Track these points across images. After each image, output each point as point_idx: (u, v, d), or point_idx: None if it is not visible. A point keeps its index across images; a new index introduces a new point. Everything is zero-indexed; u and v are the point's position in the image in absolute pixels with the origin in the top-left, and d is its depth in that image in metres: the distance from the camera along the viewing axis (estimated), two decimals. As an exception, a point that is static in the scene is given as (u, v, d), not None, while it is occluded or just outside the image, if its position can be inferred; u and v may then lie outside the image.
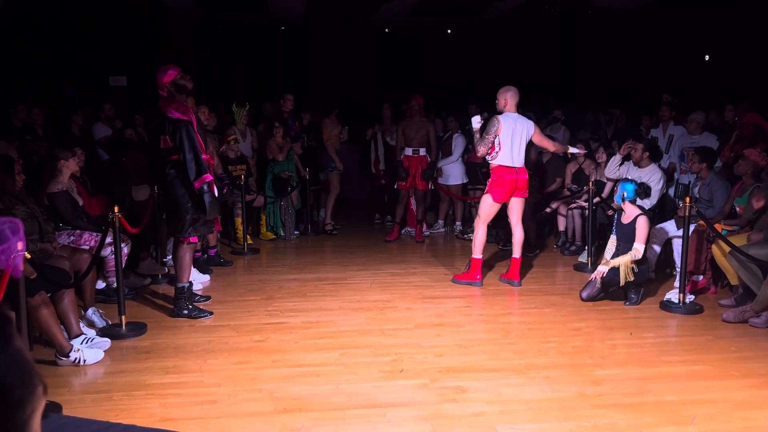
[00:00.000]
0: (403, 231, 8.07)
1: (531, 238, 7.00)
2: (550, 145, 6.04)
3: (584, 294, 5.24)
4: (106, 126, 7.80)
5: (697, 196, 5.80)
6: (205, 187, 4.54)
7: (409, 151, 7.61)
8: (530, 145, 6.78)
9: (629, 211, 5.26)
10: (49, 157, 5.28)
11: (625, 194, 5.22)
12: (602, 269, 5.14)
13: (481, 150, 5.56)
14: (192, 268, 5.41)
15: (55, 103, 8.67)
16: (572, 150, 6.25)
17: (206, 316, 4.86)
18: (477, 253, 5.75)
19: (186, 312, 4.82)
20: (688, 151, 6.66)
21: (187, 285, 4.85)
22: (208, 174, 4.56)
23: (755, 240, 4.97)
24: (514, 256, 5.79)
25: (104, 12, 10.42)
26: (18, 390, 0.72)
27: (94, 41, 10.76)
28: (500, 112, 5.62)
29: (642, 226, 5.10)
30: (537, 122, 7.08)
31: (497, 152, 5.53)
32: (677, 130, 7.28)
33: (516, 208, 5.72)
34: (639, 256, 5.08)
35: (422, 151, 7.57)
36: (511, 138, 5.52)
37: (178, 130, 4.50)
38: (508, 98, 5.59)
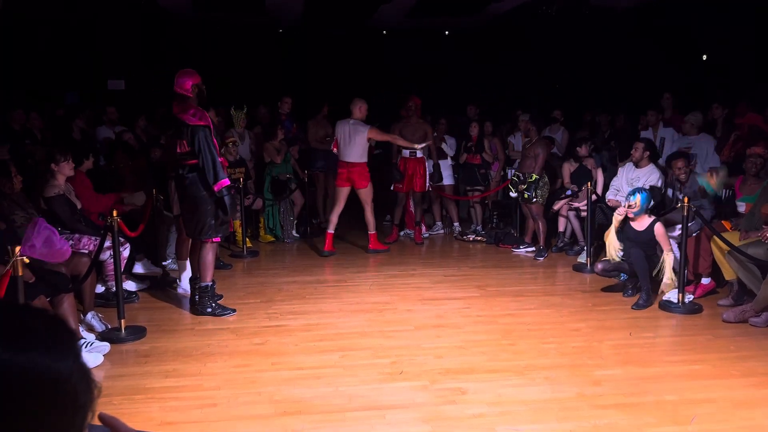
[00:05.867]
0: (402, 233, 8.08)
1: (541, 240, 7.02)
2: (392, 140, 7.32)
3: (599, 267, 5.48)
4: (109, 129, 7.81)
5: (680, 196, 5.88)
6: (224, 190, 4.72)
7: (406, 153, 7.60)
8: (539, 146, 6.83)
9: (641, 218, 5.30)
10: (44, 160, 5.28)
11: (647, 205, 5.29)
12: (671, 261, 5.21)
13: (333, 147, 7.14)
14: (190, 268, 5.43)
15: (61, 105, 8.67)
16: (419, 146, 7.28)
17: (229, 313, 4.95)
18: (330, 228, 7.13)
19: (210, 310, 4.92)
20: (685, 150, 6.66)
21: (210, 284, 4.95)
22: (227, 179, 4.75)
23: (752, 237, 4.96)
24: (329, 231, 7.09)
25: (102, 15, 10.42)
26: (82, 396, 0.82)
27: (92, 44, 10.76)
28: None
29: (662, 234, 5.24)
30: (536, 122, 7.14)
31: (336, 149, 7.09)
32: (667, 133, 7.29)
33: (344, 197, 7.14)
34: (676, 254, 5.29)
35: (419, 153, 7.55)
36: (342, 139, 6.99)
37: (197, 136, 4.63)
38: (352, 108, 7.00)
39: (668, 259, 5.17)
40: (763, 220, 4.99)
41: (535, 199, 6.88)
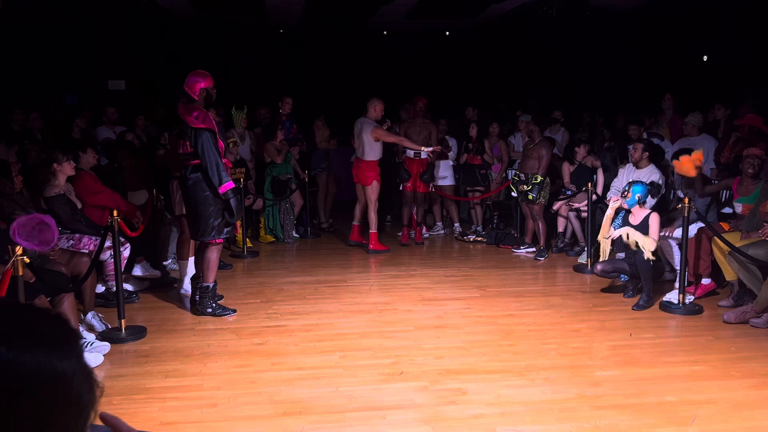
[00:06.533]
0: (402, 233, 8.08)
1: (542, 240, 7.02)
2: (398, 142, 7.38)
3: (599, 267, 5.44)
4: (109, 129, 7.83)
5: (681, 196, 5.90)
6: (230, 193, 4.70)
7: (410, 154, 7.58)
8: (543, 147, 6.84)
9: (639, 212, 5.31)
10: (45, 160, 5.28)
11: (639, 197, 5.28)
12: (622, 232, 5.21)
13: (353, 140, 7.42)
14: (192, 268, 5.43)
15: (51, 108, 8.65)
16: (426, 149, 7.26)
17: (230, 313, 4.95)
18: (355, 220, 7.54)
19: (210, 310, 4.92)
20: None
21: (212, 285, 4.95)
22: (231, 182, 4.73)
23: (753, 238, 4.96)
24: (354, 223, 7.51)
25: (102, 16, 10.41)
26: (85, 396, 0.83)
27: (92, 45, 10.76)
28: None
29: (654, 223, 5.21)
30: (537, 122, 7.17)
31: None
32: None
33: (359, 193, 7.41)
34: (653, 248, 5.15)
35: (423, 154, 7.56)
36: (355, 135, 7.24)
37: (200, 139, 4.63)
38: (368, 106, 7.19)
39: (648, 243, 5.12)
40: (763, 220, 5.00)
41: (539, 200, 6.90)
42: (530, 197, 6.93)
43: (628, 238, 5.22)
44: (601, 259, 5.62)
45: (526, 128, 7.26)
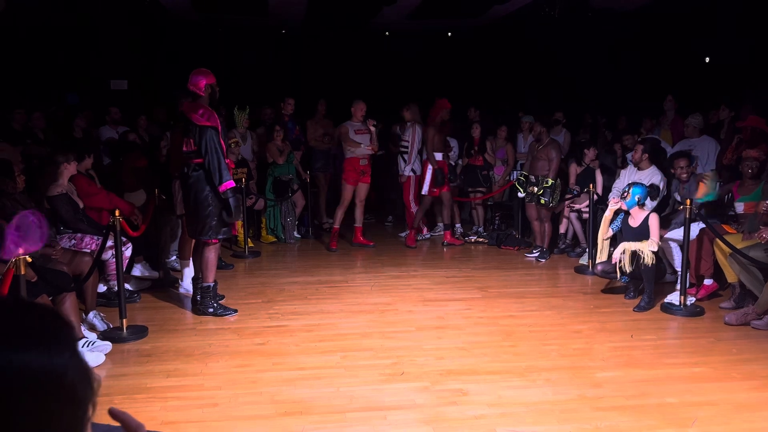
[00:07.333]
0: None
1: (546, 242, 7.01)
2: (343, 141, 7.44)
3: (599, 267, 5.50)
4: (112, 129, 7.85)
5: (678, 199, 5.91)
6: (230, 192, 4.70)
7: (439, 156, 7.47)
8: (552, 149, 6.83)
9: (638, 214, 5.32)
10: (48, 160, 5.29)
11: (639, 198, 5.29)
12: (620, 252, 5.22)
13: None
14: (193, 268, 5.44)
15: (52, 108, 8.66)
16: (366, 147, 7.36)
17: (231, 313, 4.96)
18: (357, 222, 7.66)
19: (211, 310, 4.93)
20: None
21: (212, 284, 4.96)
22: (231, 181, 4.73)
23: (753, 239, 4.96)
24: (356, 225, 7.61)
25: (103, 16, 10.42)
26: (81, 391, 0.81)
27: (93, 45, 10.77)
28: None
29: (654, 223, 5.23)
30: (545, 124, 7.18)
31: None
32: None
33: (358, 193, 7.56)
34: (654, 248, 5.15)
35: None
36: None
37: (204, 136, 4.64)
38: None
39: (648, 246, 5.13)
40: (762, 221, 5.00)
41: (551, 204, 6.90)
42: (542, 201, 6.91)
43: (625, 253, 5.21)
44: (600, 260, 5.62)
45: (534, 130, 7.25)
